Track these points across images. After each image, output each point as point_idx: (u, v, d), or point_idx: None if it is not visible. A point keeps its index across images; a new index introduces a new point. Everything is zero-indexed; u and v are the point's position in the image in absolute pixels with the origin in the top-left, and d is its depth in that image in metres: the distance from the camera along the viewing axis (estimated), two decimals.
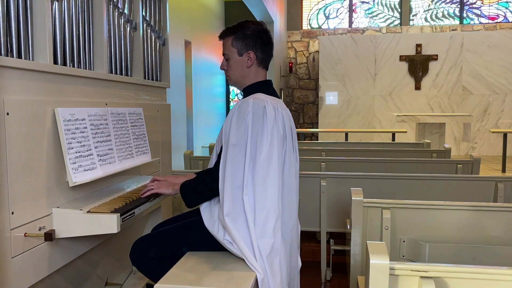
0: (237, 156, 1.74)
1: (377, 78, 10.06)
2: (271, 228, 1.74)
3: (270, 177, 1.75)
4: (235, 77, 1.96)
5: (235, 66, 1.94)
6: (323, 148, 4.83)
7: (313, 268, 3.25)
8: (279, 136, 1.80)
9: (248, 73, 1.94)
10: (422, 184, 3.06)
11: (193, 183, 1.91)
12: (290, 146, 1.90)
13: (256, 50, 1.91)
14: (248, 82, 1.95)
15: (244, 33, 1.90)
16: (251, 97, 1.83)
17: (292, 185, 1.91)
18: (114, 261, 2.36)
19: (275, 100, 1.89)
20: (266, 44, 1.94)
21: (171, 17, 3.33)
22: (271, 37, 1.98)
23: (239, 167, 1.74)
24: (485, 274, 1.29)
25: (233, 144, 1.75)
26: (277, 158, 1.77)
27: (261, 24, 1.96)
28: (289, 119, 1.93)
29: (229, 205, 1.72)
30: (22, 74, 1.56)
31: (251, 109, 1.77)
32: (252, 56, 1.91)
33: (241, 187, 1.73)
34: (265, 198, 1.73)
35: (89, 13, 2.03)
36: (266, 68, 1.98)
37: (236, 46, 1.91)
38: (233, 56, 1.93)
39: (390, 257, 1.29)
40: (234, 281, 1.64)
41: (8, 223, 1.47)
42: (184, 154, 4.05)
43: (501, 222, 2.06)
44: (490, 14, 10.63)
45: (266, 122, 1.77)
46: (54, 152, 1.69)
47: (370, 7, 11.03)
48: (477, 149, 9.60)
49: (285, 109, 1.92)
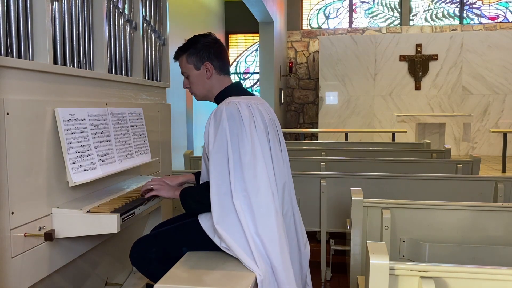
0: (220, 163, 1.75)
1: (377, 78, 10.06)
2: (274, 223, 1.74)
3: (259, 175, 1.75)
4: (200, 91, 1.99)
5: (196, 81, 1.97)
6: (323, 148, 4.83)
7: (313, 268, 3.23)
8: (260, 131, 1.81)
9: (211, 84, 1.96)
10: (422, 184, 3.06)
11: (195, 195, 1.88)
12: (274, 138, 1.90)
13: (211, 60, 1.93)
14: (215, 92, 1.97)
15: (195, 47, 1.94)
16: (223, 103, 1.84)
17: (284, 171, 1.91)
18: (114, 261, 2.36)
19: (248, 98, 1.89)
20: (219, 51, 1.96)
21: (171, 17, 3.33)
22: (222, 44, 2.01)
23: (223, 174, 1.74)
24: (485, 274, 1.29)
25: (215, 152, 1.76)
26: (261, 155, 1.77)
27: (209, 34, 1.99)
28: (268, 111, 1.94)
29: (218, 213, 1.72)
30: (22, 74, 1.56)
31: (225, 114, 1.78)
32: (209, 66, 1.93)
33: (228, 193, 1.73)
34: (259, 195, 1.74)
35: (89, 13, 2.03)
36: (228, 74, 2.00)
37: (191, 62, 1.94)
38: (192, 72, 1.96)
39: (390, 257, 1.29)
40: (234, 281, 1.64)
41: (8, 223, 1.47)
42: (184, 154, 4.05)
43: (501, 222, 2.06)
44: (490, 14, 10.63)
45: (243, 123, 1.77)
46: (54, 152, 1.70)
47: (370, 7, 11.03)
48: (477, 149, 9.60)
49: (262, 104, 1.93)
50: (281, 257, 1.74)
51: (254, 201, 1.73)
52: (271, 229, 1.74)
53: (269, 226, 1.74)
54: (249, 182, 1.73)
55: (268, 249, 1.73)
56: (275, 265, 1.73)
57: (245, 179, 1.73)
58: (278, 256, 1.73)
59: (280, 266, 1.73)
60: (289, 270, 1.75)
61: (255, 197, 1.73)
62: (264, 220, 1.73)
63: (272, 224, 1.74)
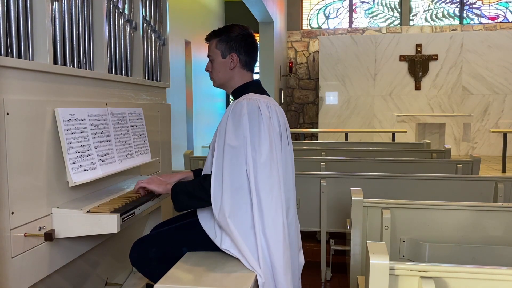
0: (236, 158, 1.73)
1: (377, 78, 10.06)
2: (281, 226, 1.74)
3: (273, 176, 1.75)
4: (218, 79, 1.98)
5: (218, 68, 1.95)
6: (323, 148, 4.83)
7: (313, 268, 3.25)
8: (276, 134, 1.81)
9: (232, 75, 1.95)
10: (422, 184, 3.06)
11: (189, 188, 1.85)
12: (285, 142, 1.90)
13: (240, 52, 1.93)
14: (234, 84, 1.97)
15: (229, 36, 1.92)
16: (244, 98, 1.83)
17: (290, 181, 1.92)
18: (114, 261, 2.36)
19: (267, 99, 1.89)
20: (250, 47, 1.95)
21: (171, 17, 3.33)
22: (256, 41, 2.00)
23: (239, 169, 1.73)
24: (485, 274, 1.29)
25: (231, 146, 1.74)
26: (276, 157, 1.77)
27: (246, 28, 1.98)
28: (282, 116, 1.94)
29: (230, 207, 1.71)
30: (22, 74, 1.56)
31: (246, 110, 1.77)
32: (235, 58, 1.92)
33: (241, 188, 1.72)
34: (271, 197, 1.73)
35: (89, 13, 2.03)
36: (251, 71, 2.00)
37: (220, 48, 1.93)
38: (217, 58, 1.95)
39: (390, 257, 1.29)
40: (234, 281, 1.64)
41: (8, 223, 1.47)
42: (184, 154, 4.05)
43: (501, 222, 2.06)
44: (490, 14, 10.63)
45: (263, 122, 1.77)
46: (54, 152, 1.69)
47: (370, 7, 11.03)
48: (477, 149, 9.60)
49: (278, 107, 1.93)
50: (283, 260, 1.73)
51: (264, 201, 1.73)
52: (278, 231, 1.73)
53: (276, 228, 1.73)
54: (262, 181, 1.73)
55: (271, 250, 1.72)
56: (276, 268, 1.73)
57: (259, 177, 1.73)
58: (280, 258, 1.73)
59: (281, 268, 1.73)
60: (288, 274, 1.75)
61: (266, 197, 1.73)
62: (272, 221, 1.73)
63: (279, 227, 1.74)
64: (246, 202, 1.73)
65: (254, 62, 2.00)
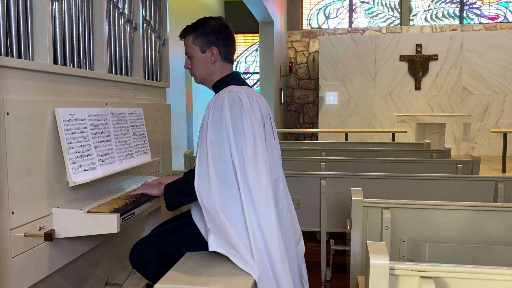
0: (220, 152, 1.72)
1: (377, 78, 10.06)
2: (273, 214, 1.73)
3: (259, 167, 1.74)
4: (200, 74, 1.95)
5: (199, 63, 1.93)
6: (323, 148, 4.83)
7: (313, 268, 3.25)
8: (259, 124, 1.79)
9: (213, 69, 1.93)
10: (422, 184, 3.05)
11: (176, 184, 1.87)
12: (270, 131, 1.89)
13: (219, 45, 1.90)
14: (215, 78, 1.95)
15: (204, 30, 1.89)
16: (224, 91, 1.81)
17: (277, 169, 1.90)
18: (114, 261, 2.36)
19: (248, 89, 1.87)
20: (228, 38, 1.93)
21: (171, 17, 3.33)
22: (232, 31, 1.97)
23: (224, 163, 1.71)
24: (485, 274, 1.29)
25: (213, 142, 1.72)
26: (261, 147, 1.76)
27: (220, 19, 1.94)
28: (265, 105, 1.92)
29: (220, 201, 1.69)
30: (22, 74, 1.56)
31: (227, 102, 1.75)
32: (215, 51, 1.90)
33: (228, 182, 1.71)
34: (260, 187, 1.72)
35: (89, 13, 2.03)
36: (231, 62, 1.98)
37: (198, 43, 1.90)
38: (196, 54, 1.91)
39: (390, 257, 1.29)
40: (234, 281, 1.64)
41: (8, 223, 1.47)
42: (184, 154, 4.05)
43: (501, 222, 2.06)
44: (490, 14, 10.62)
45: (244, 113, 1.75)
46: (54, 152, 1.69)
47: (370, 7, 11.02)
48: (477, 149, 9.60)
49: (260, 97, 1.91)
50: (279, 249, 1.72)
51: (254, 192, 1.72)
52: (271, 220, 1.72)
53: (269, 217, 1.72)
54: (250, 172, 1.72)
55: (267, 239, 1.71)
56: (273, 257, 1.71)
57: (247, 169, 1.71)
58: (276, 247, 1.72)
59: (278, 261, 1.71)
60: (286, 266, 1.75)
61: (255, 188, 1.72)
62: (264, 210, 1.72)
63: (272, 215, 1.73)
64: (234, 195, 1.71)
65: (233, 53, 1.98)
